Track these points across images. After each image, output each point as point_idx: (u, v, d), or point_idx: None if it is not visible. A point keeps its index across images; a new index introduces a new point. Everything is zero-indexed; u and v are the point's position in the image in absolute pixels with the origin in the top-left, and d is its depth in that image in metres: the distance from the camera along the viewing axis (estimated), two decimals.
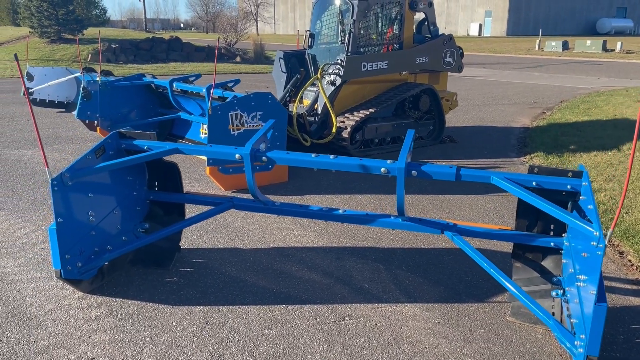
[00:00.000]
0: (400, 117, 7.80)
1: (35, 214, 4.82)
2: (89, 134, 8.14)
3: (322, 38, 8.22)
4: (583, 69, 24.56)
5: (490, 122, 10.31)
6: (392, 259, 3.99)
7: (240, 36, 26.74)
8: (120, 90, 7.36)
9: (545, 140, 8.39)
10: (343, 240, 4.33)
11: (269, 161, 3.25)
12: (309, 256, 4.03)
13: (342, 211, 3.42)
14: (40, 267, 3.75)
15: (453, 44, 8.37)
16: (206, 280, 3.61)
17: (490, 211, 5.14)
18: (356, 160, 3.09)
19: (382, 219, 3.32)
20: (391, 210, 5.14)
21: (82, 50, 21.48)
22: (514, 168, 6.83)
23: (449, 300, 3.38)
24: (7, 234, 4.34)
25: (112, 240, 3.51)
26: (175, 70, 20.04)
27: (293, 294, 3.44)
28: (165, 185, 3.86)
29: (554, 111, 11.59)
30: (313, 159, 3.14)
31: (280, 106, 5.86)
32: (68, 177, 3.09)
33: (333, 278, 3.67)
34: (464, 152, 7.72)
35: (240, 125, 5.56)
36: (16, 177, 5.96)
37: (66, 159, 6.76)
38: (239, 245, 4.23)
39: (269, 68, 21.89)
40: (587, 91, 15.45)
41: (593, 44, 36.35)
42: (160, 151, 3.37)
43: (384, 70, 7.54)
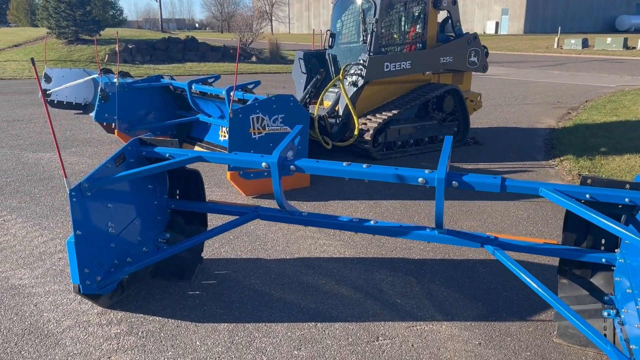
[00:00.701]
0: (424, 118, 7.58)
1: (53, 220, 4.69)
2: (107, 137, 8.03)
3: (342, 38, 8.03)
4: (604, 67, 24.06)
5: (514, 123, 10.03)
6: (424, 272, 3.78)
7: (255, 36, 26.62)
8: (138, 92, 7.23)
9: (574, 142, 8.11)
10: (371, 251, 4.13)
11: (297, 170, 3.06)
12: (336, 268, 3.84)
13: (373, 222, 3.22)
14: (58, 278, 3.61)
15: (478, 42, 8.12)
16: (230, 294, 3.43)
17: (523, 219, 4.90)
18: (391, 169, 2.89)
19: (417, 231, 3.12)
20: (419, 218, 4.93)
21: (99, 51, 21.50)
22: (543, 172, 6.58)
23: (489, 318, 3.17)
24: (24, 243, 4.21)
25: (132, 252, 3.36)
26: (191, 70, 19.98)
27: (322, 310, 3.25)
28: (187, 194, 3.70)
29: (580, 111, 11.27)
30: (345, 168, 2.95)
31: (302, 109, 5.68)
32: (87, 187, 2.94)
33: (363, 292, 3.47)
34: (489, 154, 7.47)
35: (261, 129, 5.39)
36: (34, 181, 5.85)
37: (84, 163, 6.65)
38: (262, 255, 4.05)
39: (285, 68, 21.77)
40: (611, 90, 15.06)
41: (614, 42, 35.69)
42: (182, 159, 3.20)
43: (408, 70, 7.33)
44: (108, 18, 28.61)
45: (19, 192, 5.46)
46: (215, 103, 6.95)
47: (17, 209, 4.99)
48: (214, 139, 7.14)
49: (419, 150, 7.49)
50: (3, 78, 16.64)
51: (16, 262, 3.85)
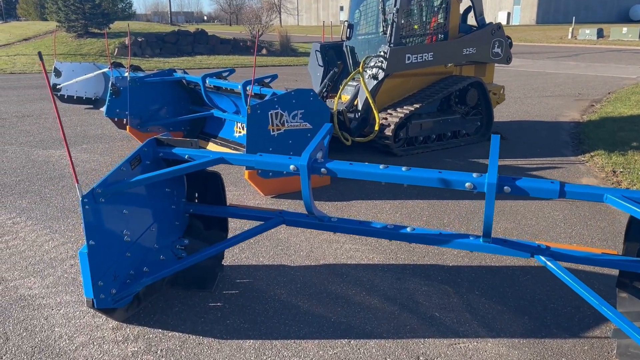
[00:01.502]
0: (446, 112, 7.28)
1: (64, 223, 4.47)
2: (118, 133, 7.81)
3: (360, 29, 7.74)
4: (621, 57, 23.53)
5: (537, 117, 9.69)
6: (461, 280, 3.52)
7: (265, 28, 26.30)
8: (150, 86, 6.99)
9: (602, 136, 7.77)
10: (401, 257, 3.87)
11: (328, 173, 2.80)
12: (366, 276, 3.58)
13: (410, 229, 2.95)
14: (70, 288, 3.38)
15: (502, 33, 7.80)
16: (254, 306, 3.19)
17: (559, 220, 4.61)
18: (434, 173, 2.61)
19: (460, 239, 2.84)
20: (449, 219, 4.65)
21: (109, 45, 21.29)
22: (574, 168, 6.27)
23: (538, 335, 2.90)
24: (34, 248, 3.98)
25: (149, 261, 3.12)
26: (201, 63, 19.73)
27: (354, 324, 3.00)
28: (207, 197, 3.45)
29: (604, 104, 10.90)
30: (382, 171, 2.68)
31: (323, 104, 5.41)
32: (100, 192, 2.69)
33: (397, 304, 3.21)
34: (515, 150, 7.16)
35: (280, 125, 5.13)
36: (44, 180, 5.64)
37: (95, 160, 6.42)
38: (285, 261, 3.80)
39: (296, 60, 21.48)
40: (632, 82, 14.63)
41: (630, 32, 35.00)
42: (203, 162, 2.95)
43: (429, 62, 7.03)
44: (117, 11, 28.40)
45: (28, 192, 5.25)
46: (230, 98, 6.69)
47: (27, 210, 4.77)
48: (228, 134, 6.89)
49: (441, 146, 7.20)
50: (13, 72, 16.48)
51: (26, 270, 3.62)
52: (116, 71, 7.81)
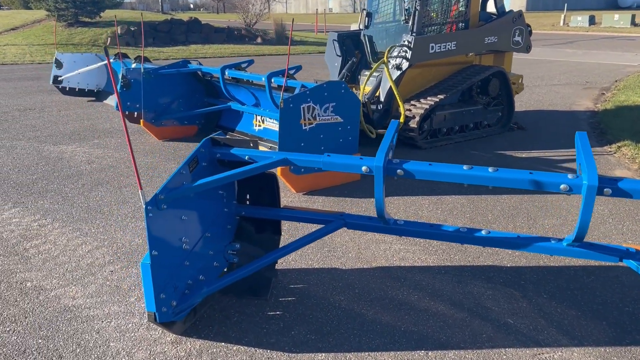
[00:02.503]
0: (468, 103, 7.12)
1: (93, 225, 4.24)
2: (129, 126, 7.54)
3: (379, 17, 7.52)
4: (616, 45, 23.53)
5: (550, 106, 9.57)
6: (525, 283, 3.36)
7: (260, 16, 25.88)
8: (164, 78, 6.73)
9: (623, 126, 7.66)
10: (455, 257, 3.71)
11: (405, 175, 2.61)
12: (424, 279, 3.42)
13: (486, 233, 2.78)
14: (116, 297, 3.18)
15: (523, 21, 7.63)
16: (316, 314, 3.01)
17: (606, 216, 4.48)
18: (524, 174, 2.44)
19: (541, 243, 2.68)
20: (492, 216, 4.50)
21: (100, 34, 20.82)
22: (603, 160, 6.15)
23: (622, 342, 2.76)
24: (67, 252, 3.76)
25: (204, 269, 2.92)
26: (197, 53, 19.35)
27: (427, 333, 2.83)
28: (260, 198, 3.25)
29: (614, 92, 10.80)
30: (466, 172, 2.50)
31: (354, 96, 5.21)
32: (163, 199, 2.49)
33: (465, 310, 3.05)
34: (537, 141, 7.03)
35: (312, 119, 4.93)
36: (62, 178, 5.39)
37: (110, 156, 6.17)
38: (335, 264, 3.62)
39: (292, 49, 21.13)
40: (636, 69, 14.58)
41: (621, 19, 35.03)
42: (267, 163, 2.75)
43: (452, 51, 6.84)
44: None
45: (48, 191, 5.00)
46: (250, 90, 6.46)
47: (51, 211, 4.53)
48: (247, 128, 6.67)
49: (464, 137, 7.04)
50: (5, 63, 15.99)
51: (64, 277, 3.41)
52: (129, 62, 7.54)
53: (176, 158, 6.12)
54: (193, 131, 7.12)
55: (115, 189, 5.09)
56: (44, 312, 3.02)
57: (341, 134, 5.18)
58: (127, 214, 4.47)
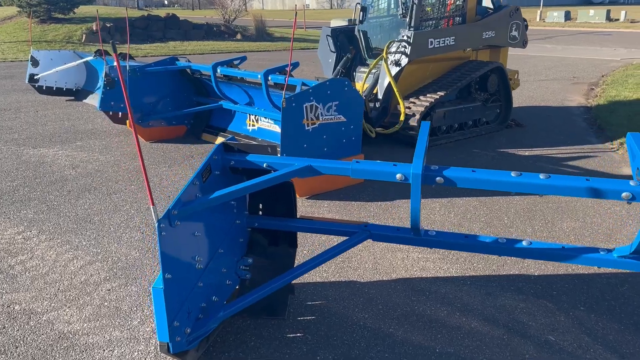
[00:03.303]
0: (466, 100, 6.91)
1: (83, 236, 3.91)
2: (113, 127, 7.16)
3: (373, 11, 7.27)
4: (594, 40, 23.74)
5: (542, 102, 9.46)
6: (558, 294, 3.15)
7: (239, 12, 25.42)
8: (152, 76, 6.37)
9: (620, 121, 7.56)
10: (478, 266, 3.48)
11: (445, 182, 2.36)
12: (450, 291, 3.18)
13: (527, 243, 2.55)
14: (116, 320, 2.87)
15: (519, 15, 7.47)
16: (341, 335, 2.75)
17: (625, 217, 4.31)
18: (580, 181, 2.21)
19: (589, 255, 2.46)
20: (509, 220, 4.29)
21: (75, 30, 20.17)
22: (608, 157, 6.01)
23: None
24: (58, 268, 3.43)
25: (217, 289, 2.64)
26: (175, 50, 18.84)
27: (465, 355, 2.59)
28: (274, 208, 2.97)
29: (603, 87, 10.75)
30: (515, 179, 2.26)
31: (357, 93, 4.96)
32: (176, 214, 2.19)
33: (501, 326, 2.82)
34: (536, 138, 6.87)
35: (315, 119, 4.65)
36: (45, 185, 5.01)
37: (96, 160, 5.80)
38: (352, 276, 3.36)
39: (273, 46, 20.82)
40: (619, 64, 14.63)
41: (596, 14, 35.47)
42: (290, 171, 2.47)
43: (451, 47, 6.63)
44: None
45: (31, 200, 4.63)
46: (243, 88, 6.15)
47: (36, 221, 4.17)
48: (239, 128, 6.36)
49: (463, 135, 6.84)
50: None
51: (56, 298, 3.08)
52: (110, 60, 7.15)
53: (166, 161, 5.78)
54: (182, 131, 6.78)
55: (105, 195, 4.74)
56: (36, 340, 2.69)
57: (344, 134, 4.93)
58: (120, 224, 4.13)
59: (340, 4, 67.06)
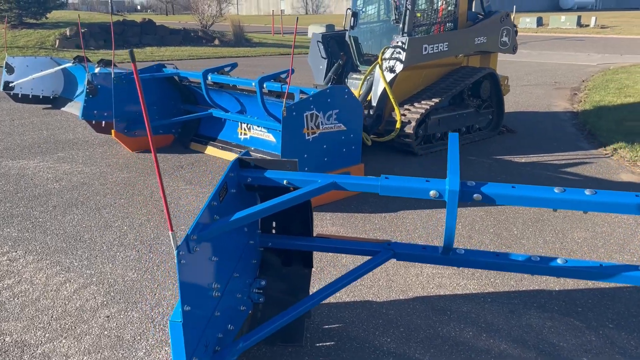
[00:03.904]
0: (460, 106, 6.82)
1: (74, 256, 3.65)
2: (96, 137, 6.85)
3: (364, 17, 7.13)
4: (567, 45, 24.11)
5: (529, 107, 9.46)
6: (582, 310, 3.03)
7: (216, 18, 25.11)
8: None
9: (610, 126, 7.56)
10: (496, 281, 3.35)
11: (484, 199, 2.20)
12: (472, 310, 3.03)
13: (562, 262, 2.41)
14: (119, 351, 2.63)
15: (509, 21, 7.43)
16: None
17: (633, 225, 4.23)
18: (630, 197, 2.07)
19: (629, 273, 2.33)
20: (519, 230, 4.17)
21: (48, 36, 19.62)
22: (604, 164, 5.97)
23: None
24: (49, 293, 3.17)
25: (233, 316, 2.44)
26: (153, 55, 18.47)
27: None
28: (289, 226, 2.77)
29: (585, 92, 10.83)
30: (559, 196, 2.11)
31: (357, 101, 4.81)
32: (195, 239, 1.99)
33: (532, 349, 2.68)
34: (530, 144, 6.81)
35: (315, 128, 4.48)
36: (28, 200, 4.72)
37: (81, 172, 5.51)
38: (367, 295, 3.19)
39: (253, 51, 20.58)
40: (597, 69, 14.81)
41: (568, 20, 36.15)
42: (315, 188, 2.28)
43: (444, 53, 6.53)
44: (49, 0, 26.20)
45: (14, 216, 4.34)
46: (235, 95, 5.93)
47: (21, 240, 3.89)
48: (231, 137, 6.14)
49: None
50: None
51: (50, 327, 2.83)
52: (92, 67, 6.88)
53: (155, 172, 5.53)
54: (169, 140, 6.53)
55: (93, 210, 4.48)
56: None
57: (344, 143, 4.77)
58: (113, 242, 3.88)
59: (315, 9, 67.10)
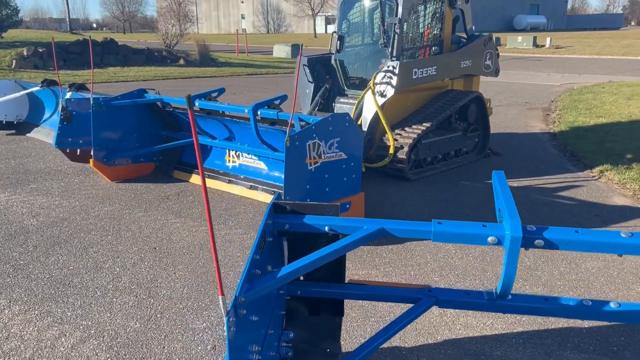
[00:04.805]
0: (448, 130, 6.76)
1: (66, 305, 3.32)
2: (70, 165, 6.46)
3: (348, 40, 7.03)
4: (527, 65, 24.82)
5: (506, 128, 9.54)
6: (617, 349, 2.92)
7: (180, 37, 24.75)
8: (118, 110, 5.79)
9: (590, 148, 7.66)
10: (522, 319, 3.20)
11: (546, 246, 2.05)
12: (507, 353, 2.87)
13: (615, 306, 2.28)
14: None
15: (493, 44, 7.48)
16: None
17: None
18: None
19: None
20: (532, 263, 4.06)
21: (4, 56, 18.85)
22: (593, 187, 5.98)
23: None
24: (44, 350, 2.84)
25: None
26: (117, 76, 17.96)
27: None
28: (319, 272, 2.55)
29: (558, 112, 11.02)
30: (628, 241, 1.98)
31: (358, 129, 4.64)
32: (244, 302, 1.76)
33: None
34: (518, 168, 6.80)
35: (317, 157, 4.29)
36: (3, 239, 4.34)
37: (58, 205, 5.14)
38: (394, 340, 2.99)
39: (220, 71, 20.29)
40: (562, 89, 15.20)
41: (524, 40, 37.33)
42: (364, 235, 2.08)
43: (432, 77, 6.48)
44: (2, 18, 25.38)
45: None
46: (223, 122, 5.68)
47: (3, 287, 3.53)
48: (217, 164, 5.87)
49: (447, 166, 6.66)
50: None
51: None
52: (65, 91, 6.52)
53: (140, 204, 5.21)
54: (149, 169, 6.21)
55: (79, 250, 4.14)
56: None
57: (345, 172, 4.58)
58: (107, 286, 3.57)
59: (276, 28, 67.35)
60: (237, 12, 69.92)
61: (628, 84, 15.47)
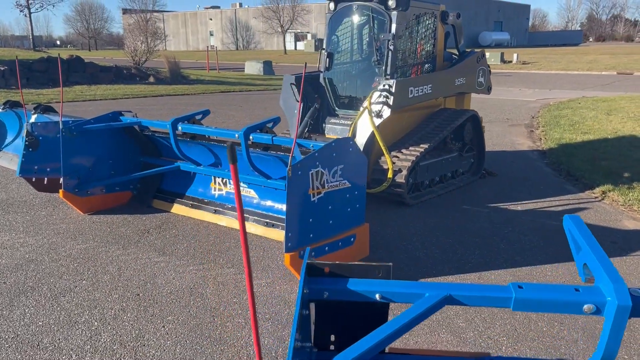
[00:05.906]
0: (444, 150, 6.43)
1: None
2: (36, 196, 5.86)
3: (338, 57, 6.65)
4: (499, 80, 24.95)
5: (494, 146, 9.29)
6: None
7: (149, 54, 24.09)
8: (90, 135, 5.25)
9: (585, 167, 7.43)
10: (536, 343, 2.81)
11: None
12: None
13: None
14: None
15: (485, 61, 7.22)
16: None
17: None
18: None
19: None
20: None
21: None
22: (600, 208, 5.71)
23: None
24: None
25: None
26: (84, 95, 17.22)
27: None
28: (354, 339, 2.10)
29: (542, 129, 10.87)
30: None
31: (362, 155, 4.24)
32: None
33: None
34: (517, 188, 6.50)
35: (320, 187, 3.85)
36: None
37: (24, 244, 4.55)
38: None
39: (192, 89, 19.72)
40: (538, 105, 15.23)
41: (492, 56, 37.82)
42: (427, 307, 1.65)
43: (428, 95, 6.16)
44: None
45: None
46: (208, 146, 5.21)
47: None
48: (201, 193, 5.37)
49: (444, 189, 6.31)
50: None
51: None
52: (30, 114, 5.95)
53: (117, 239, 4.67)
54: (125, 198, 5.67)
55: (49, 299, 3.58)
56: None
57: (349, 202, 4.16)
58: (84, 347, 3.03)
59: (246, 45, 66.99)
60: (206, 29, 69.35)
61: (603, 99, 15.57)
